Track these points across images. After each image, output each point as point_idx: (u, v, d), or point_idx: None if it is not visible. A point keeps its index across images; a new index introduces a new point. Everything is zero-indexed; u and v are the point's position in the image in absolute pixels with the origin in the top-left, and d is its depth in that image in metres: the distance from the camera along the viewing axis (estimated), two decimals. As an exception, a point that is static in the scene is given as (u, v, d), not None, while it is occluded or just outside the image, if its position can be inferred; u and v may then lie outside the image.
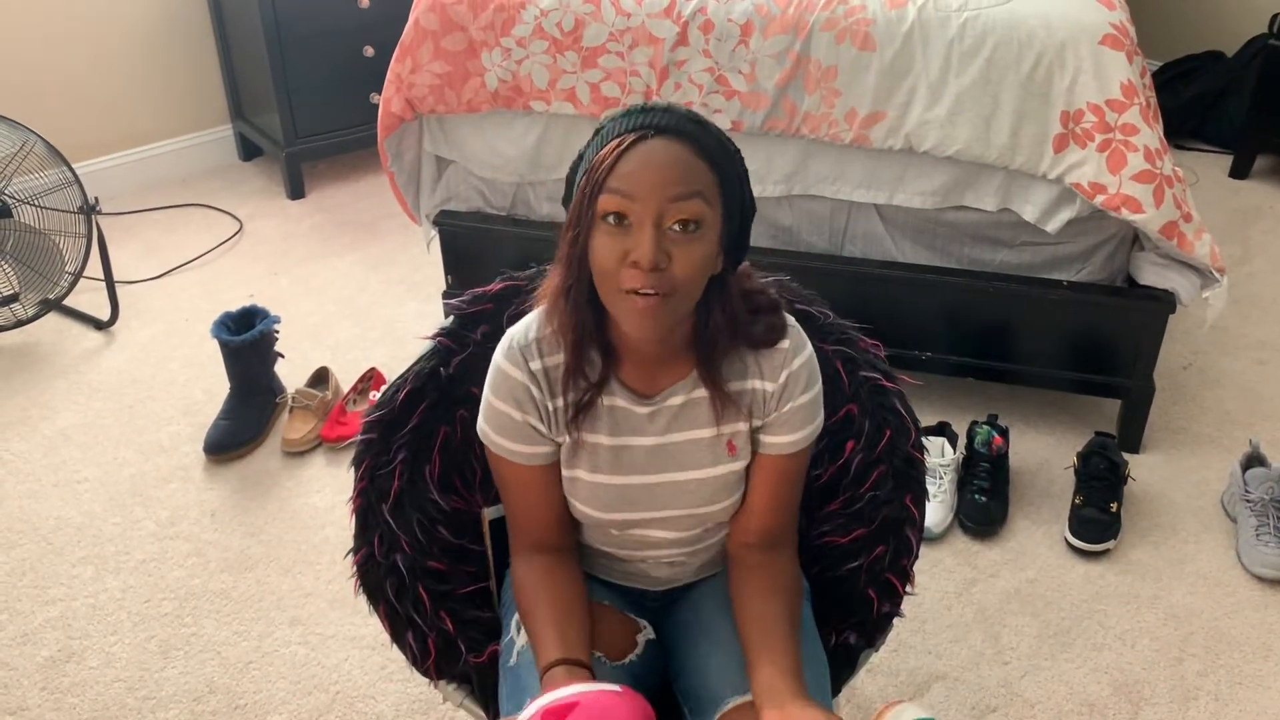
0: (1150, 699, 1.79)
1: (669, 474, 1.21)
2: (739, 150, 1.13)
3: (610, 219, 1.06)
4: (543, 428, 1.19)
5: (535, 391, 1.17)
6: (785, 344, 1.20)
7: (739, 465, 1.22)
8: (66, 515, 2.20)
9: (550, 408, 1.18)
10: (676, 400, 1.20)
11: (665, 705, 1.26)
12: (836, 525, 1.38)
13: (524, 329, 1.20)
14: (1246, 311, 2.84)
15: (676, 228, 1.05)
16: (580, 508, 1.23)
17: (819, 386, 1.23)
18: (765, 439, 1.22)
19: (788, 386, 1.20)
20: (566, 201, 1.14)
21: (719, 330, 1.15)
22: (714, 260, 1.11)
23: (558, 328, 1.16)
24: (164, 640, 1.92)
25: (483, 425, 1.22)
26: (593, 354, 1.16)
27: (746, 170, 1.14)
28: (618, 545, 1.29)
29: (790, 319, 1.22)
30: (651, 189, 1.04)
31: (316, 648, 1.90)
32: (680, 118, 1.08)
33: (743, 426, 1.21)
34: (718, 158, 1.09)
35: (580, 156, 1.12)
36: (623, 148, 1.06)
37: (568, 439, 1.20)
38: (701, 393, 1.20)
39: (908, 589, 1.36)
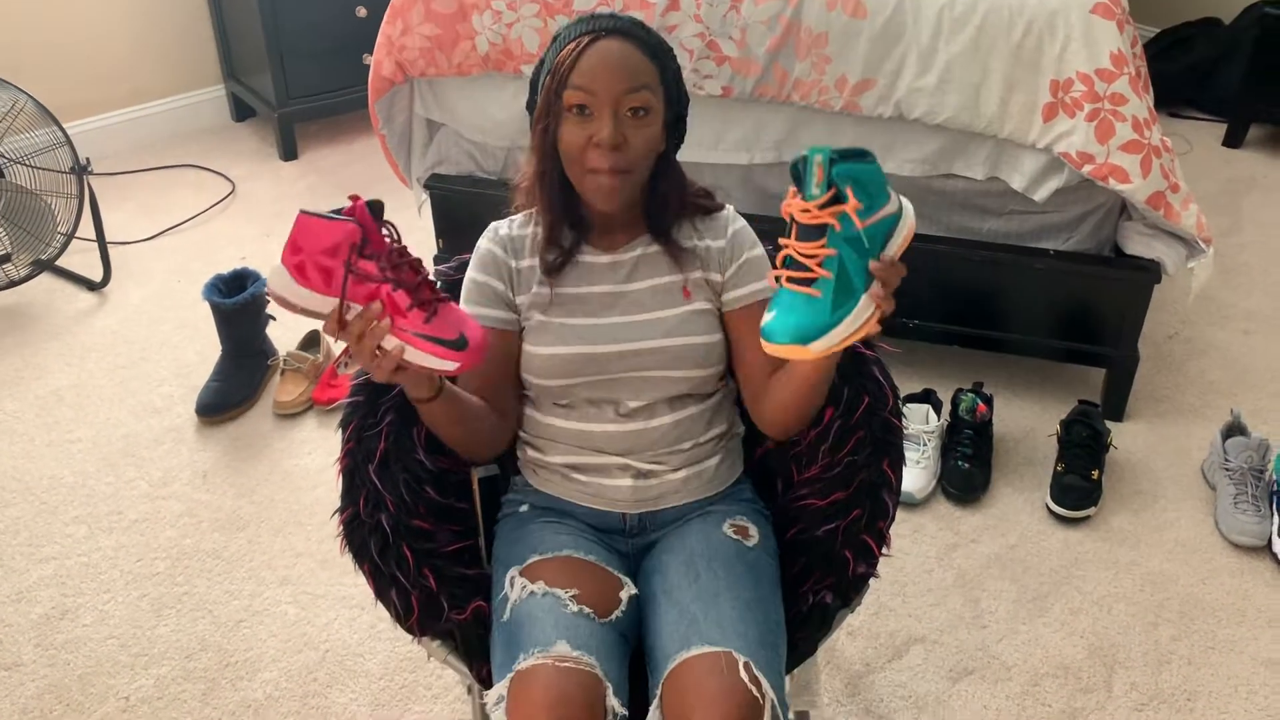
0: (1124, 662, 1.83)
1: (632, 315, 1.35)
2: (672, 49, 1.33)
3: (575, 110, 1.25)
4: (502, 288, 1.35)
5: (500, 253, 1.36)
6: (725, 212, 1.40)
7: (694, 307, 1.35)
8: (60, 475, 2.22)
9: (514, 266, 1.36)
10: (635, 253, 1.37)
11: (642, 666, 1.29)
12: (815, 489, 1.40)
13: (505, 219, 1.41)
14: (1235, 282, 2.86)
15: (630, 113, 1.25)
16: (551, 350, 1.33)
17: (762, 249, 1.39)
18: (732, 295, 1.37)
19: (735, 242, 1.37)
20: (531, 105, 1.32)
21: (667, 195, 1.35)
22: (660, 139, 1.30)
23: (537, 208, 1.35)
24: (156, 599, 1.95)
25: (460, 302, 1.37)
26: (566, 229, 1.35)
27: (680, 68, 1.33)
28: (589, 442, 1.35)
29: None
30: (609, 83, 1.24)
31: (306, 607, 1.93)
32: (626, 21, 1.28)
33: (697, 274, 1.36)
34: (659, 55, 1.28)
35: (541, 62, 1.31)
36: (580, 48, 1.25)
37: (537, 290, 1.35)
38: (657, 247, 1.37)
39: (884, 551, 1.38)
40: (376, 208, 1.17)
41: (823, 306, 1.08)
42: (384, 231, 1.17)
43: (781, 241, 1.11)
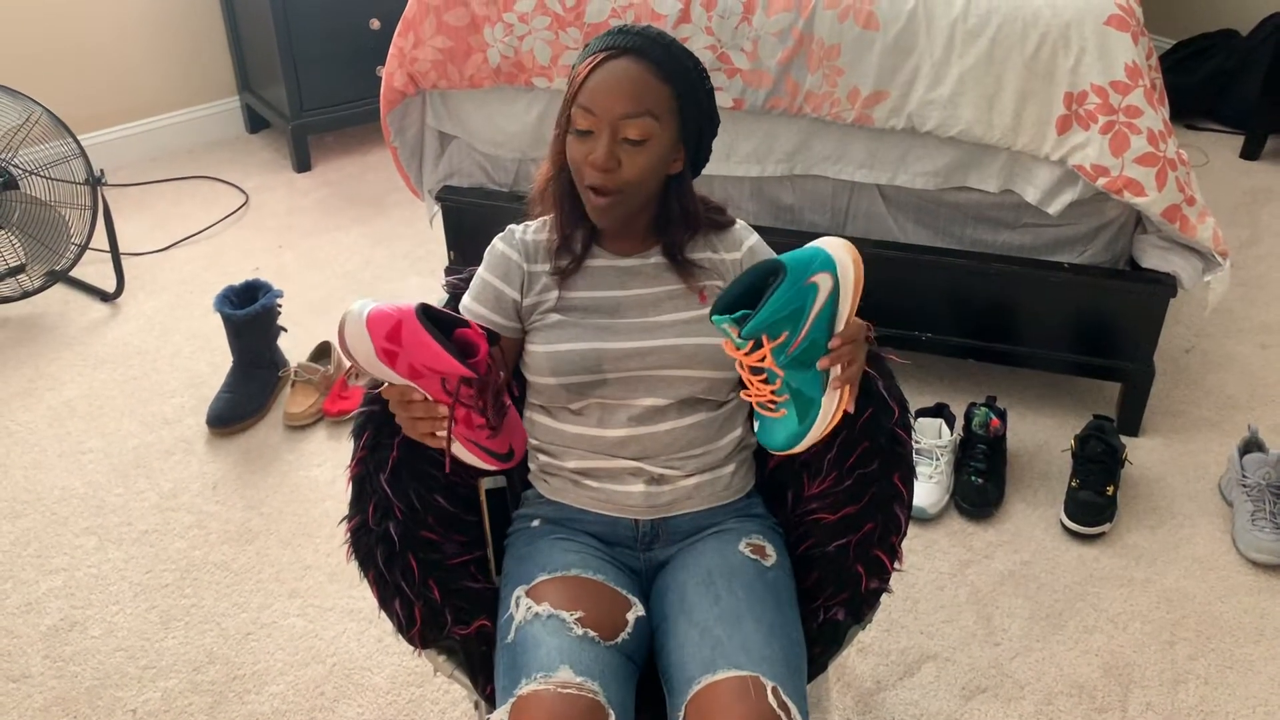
0: (1140, 681, 1.80)
1: (647, 315, 1.36)
2: (703, 70, 1.31)
3: (578, 129, 1.27)
4: (510, 292, 1.37)
5: (515, 256, 1.38)
6: (738, 226, 1.43)
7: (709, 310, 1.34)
8: (71, 486, 2.22)
9: (527, 270, 1.38)
10: (650, 260, 1.39)
11: (654, 685, 1.28)
12: (825, 503, 1.39)
13: (521, 224, 1.43)
14: (1253, 295, 2.83)
15: (625, 140, 1.26)
16: (568, 347, 1.33)
17: None
18: None
19: (751, 256, 1.40)
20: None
21: (676, 216, 1.37)
22: (665, 163, 1.31)
23: (547, 205, 1.38)
24: (164, 611, 1.94)
25: (464, 297, 1.40)
26: (578, 232, 1.37)
27: (711, 89, 1.33)
28: (601, 448, 1.34)
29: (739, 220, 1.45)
30: (608, 108, 1.25)
31: (315, 620, 1.92)
32: (649, 40, 1.27)
33: (714, 283, 1.38)
34: (676, 79, 1.27)
35: (573, 67, 1.31)
36: (593, 66, 1.26)
37: (551, 292, 1.36)
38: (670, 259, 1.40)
39: (896, 565, 1.37)
40: (493, 338, 1.19)
41: (791, 422, 1.20)
42: (489, 364, 1.17)
43: (742, 375, 1.22)
